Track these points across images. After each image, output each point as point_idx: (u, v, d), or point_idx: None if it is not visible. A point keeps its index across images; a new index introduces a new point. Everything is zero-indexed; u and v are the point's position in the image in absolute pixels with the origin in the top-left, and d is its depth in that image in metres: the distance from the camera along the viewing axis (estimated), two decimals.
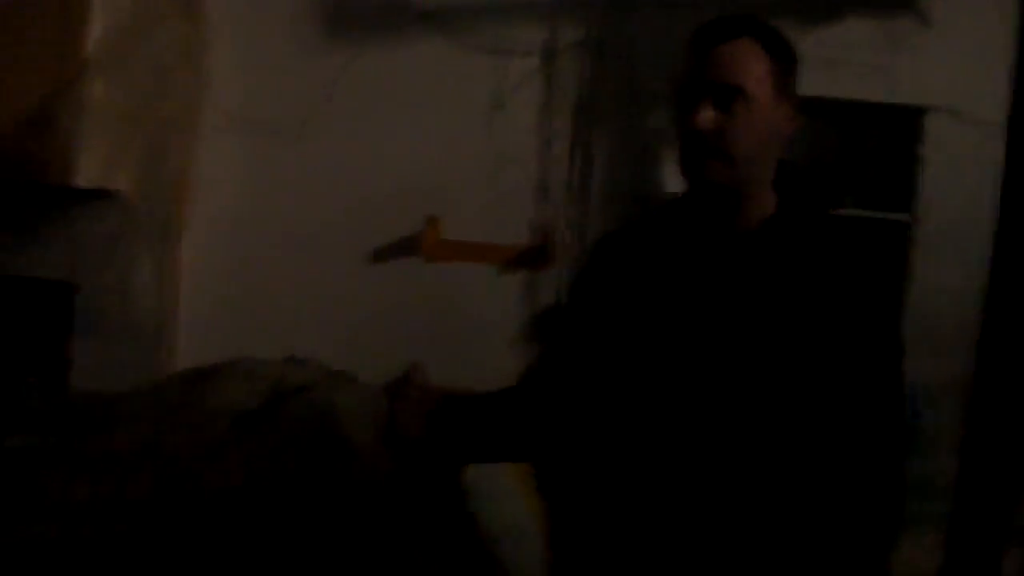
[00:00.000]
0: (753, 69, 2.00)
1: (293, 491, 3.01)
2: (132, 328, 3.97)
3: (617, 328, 2.14)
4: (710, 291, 2.06)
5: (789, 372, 2.01)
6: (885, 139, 4.71)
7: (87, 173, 3.89)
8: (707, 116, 1.98)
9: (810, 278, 2.04)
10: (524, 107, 4.50)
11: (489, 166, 4.47)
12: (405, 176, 4.43)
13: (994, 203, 2.90)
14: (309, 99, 4.42)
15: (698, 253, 2.10)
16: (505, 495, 3.45)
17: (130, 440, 3.06)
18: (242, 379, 3.23)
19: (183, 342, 4.26)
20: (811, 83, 4.24)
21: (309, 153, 4.40)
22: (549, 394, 2.30)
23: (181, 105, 4.19)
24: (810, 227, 2.12)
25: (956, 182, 4.43)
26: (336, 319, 4.36)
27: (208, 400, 3.16)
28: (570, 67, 4.52)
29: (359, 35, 4.47)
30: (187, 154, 4.26)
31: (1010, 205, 2.84)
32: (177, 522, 2.92)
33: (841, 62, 4.41)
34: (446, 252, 4.42)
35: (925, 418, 4.21)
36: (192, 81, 4.25)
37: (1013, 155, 2.85)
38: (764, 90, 2.00)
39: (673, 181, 2.09)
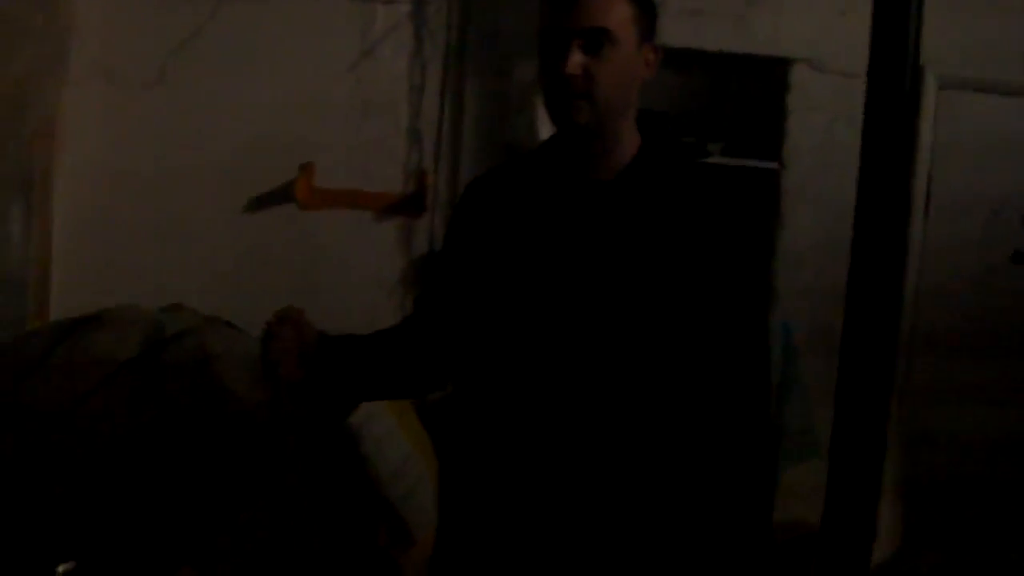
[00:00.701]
0: (618, 13, 2.06)
1: (172, 436, 3.02)
2: (3, 282, 3.89)
3: (488, 271, 2.20)
4: (577, 233, 2.13)
5: (654, 314, 2.08)
6: (754, 90, 4.82)
7: None
8: (576, 60, 2.04)
9: (675, 220, 2.12)
10: (393, 54, 4.50)
11: (360, 113, 4.47)
12: (276, 123, 4.40)
13: (857, 151, 2.99)
14: (175, 46, 4.35)
15: (565, 196, 2.16)
16: (392, 436, 3.50)
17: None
18: (119, 328, 3.22)
19: (57, 294, 4.20)
20: (679, 35, 4.35)
21: (179, 101, 4.35)
22: (427, 333, 2.34)
23: (41, 55, 4.09)
24: (676, 171, 2.20)
25: (821, 130, 4.56)
26: (211, 268, 4.33)
27: (84, 350, 3.15)
28: (438, 13, 4.52)
29: None
30: (52, 104, 4.15)
31: (870, 154, 2.94)
32: (44, 474, 2.91)
33: (707, 13, 4.50)
34: (320, 200, 4.42)
35: (798, 356, 4.35)
36: (52, 30, 4.14)
37: (872, 105, 2.94)
38: (628, 33, 2.07)
39: (544, 126, 2.13)
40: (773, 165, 4.64)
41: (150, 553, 2.88)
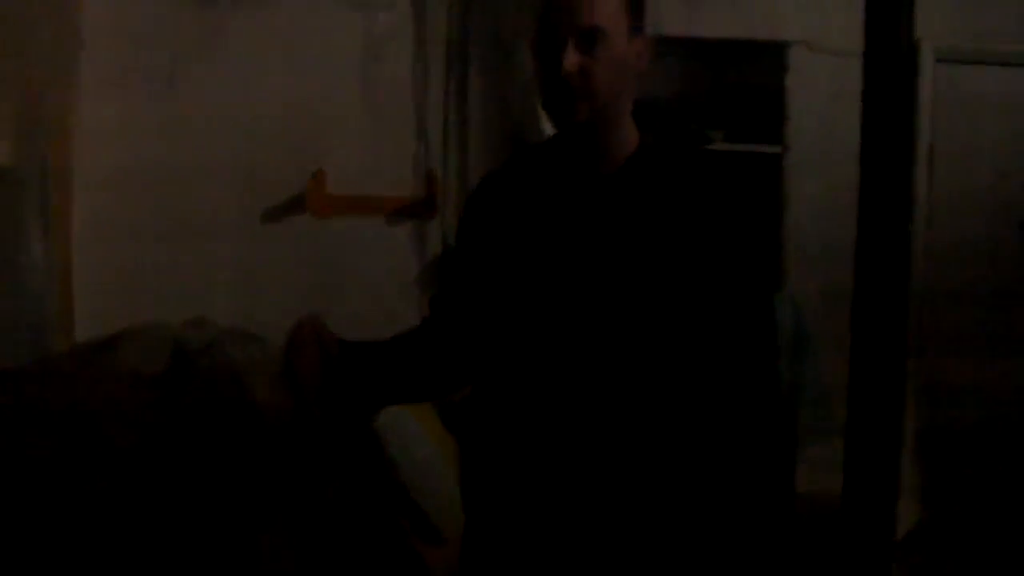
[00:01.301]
0: (609, 10, 2.11)
1: (201, 448, 3.08)
2: (26, 299, 3.92)
3: (499, 270, 2.24)
4: (582, 228, 2.17)
5: (661, 305, 2.13)
6: (752, 74, 4.84)
7: None
8: (573, 60, 2.08)
9: (678, 209, 2.16)
10: (397, 57, 4.55)
11: (367, 117, 4.52)
12: (286, 130, 4.46)
13: (856, 129, 3.03)
14: (183, 55, 4.40)
15: (569, 192, 2.20)
16: (416, 437, 3.55)
17: (32, 410, 3.09)
18: (146, 345, 3.28)
19: (79, 310, 4.25)
20: (676, 23, 4.38)
21: (189, 110, 4.40)
22: (444, 335, 2.39)
23: (52, 66, 4.11)
24: (677, 160, 2.24)
25: (822, 111, 4.58)
26: (229, 275, 4.39)
27: (113, 365, 3.21)
28: (439, 15, 4.57)
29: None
30: (66, 117, 4.22)
31: (870, 131, 2.97)
32: (82, 486, 2.97)
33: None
34: (333, 207, 4.46)
35: (810, 336, 4.39)
36: (62, 41, 4.18)
37: (870, 83, 2.98)
38: (620, 29, 2.12)
39: (549, 121, 2.21)
40: (776, 149, 4.66)
41: (176, 563, 2.93)
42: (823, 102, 4.57)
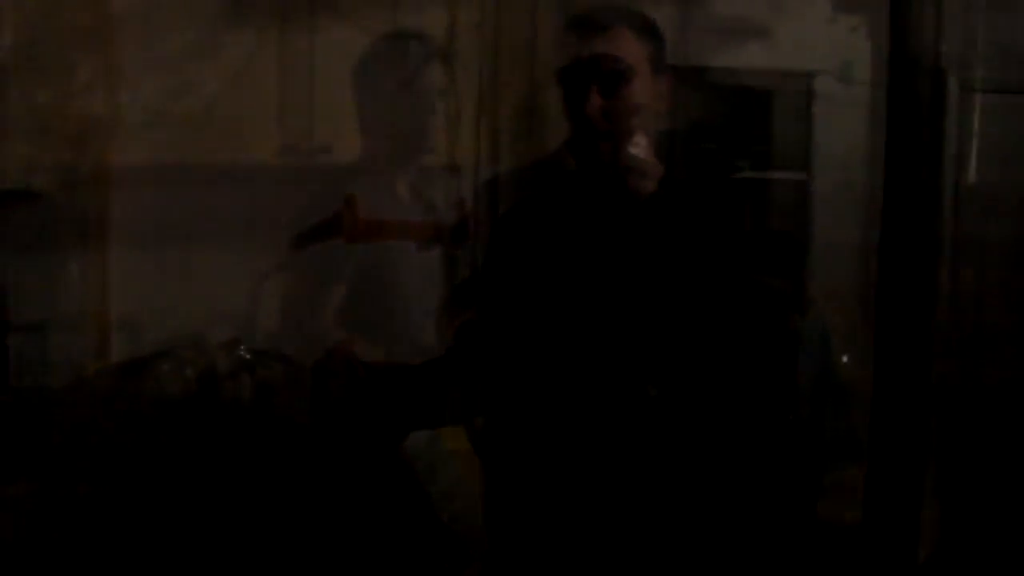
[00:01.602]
0: (632, 55, 2.17)
1: (233, 471, 3.11)
2: (65, 324, 3.96)
3: (533, 297, 2.27)
4: (613, 258, 2.21)
5: (698, 330, 2.16)
6: (778, 102, 4.86)
7: (9, 175, 3.83)
8: (596, 103, 2.14)
9: (706, 240, 2.19)
10: (429, 85, 4.58)
11: (398, 146, 4.55)
12: (319, 156, 4.49)
13: (881, 156, 3.04)
14: (220, 86, 4.45)
15: (598, 223, 2.24)
16: (444, 459, 3.57)
17: (65, 435, 3.14)
18: (176, 366, 3.32)
19: (116, 335, 4.29)
20: (704, 53, 4.39)
21: (226, 140, 4.44)
22: (470, 361, 2.42)
23: (92, 99, 4.17)
24: (703, 190, 2.28)
25: (848, 138, 4.59)
26: (262, 298, 4.42)
27: (143, 389, 3.25)
28: (470, 44, 4.61)
29: (262, 22, 4.52)
30: (106, 148, 4.27)
31: (894, 158, 2.98)
32: (117, 513, 3.01)
33: (730, 29, 4.55)
34: (366, 232, 4.49)
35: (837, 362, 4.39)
36: (102, 74, 4.24)
37: (894, 111, 2.99)
38: (643, 72, 2.18)
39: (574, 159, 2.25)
40: (802, 176, 4.67)
41: None
42: (850, 130, 4.58)
